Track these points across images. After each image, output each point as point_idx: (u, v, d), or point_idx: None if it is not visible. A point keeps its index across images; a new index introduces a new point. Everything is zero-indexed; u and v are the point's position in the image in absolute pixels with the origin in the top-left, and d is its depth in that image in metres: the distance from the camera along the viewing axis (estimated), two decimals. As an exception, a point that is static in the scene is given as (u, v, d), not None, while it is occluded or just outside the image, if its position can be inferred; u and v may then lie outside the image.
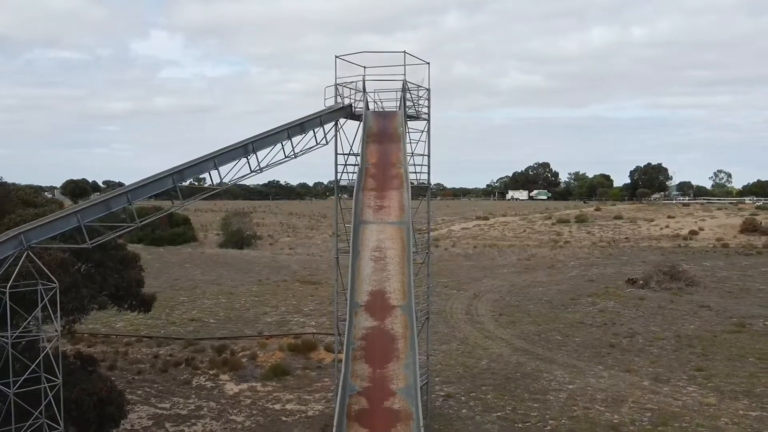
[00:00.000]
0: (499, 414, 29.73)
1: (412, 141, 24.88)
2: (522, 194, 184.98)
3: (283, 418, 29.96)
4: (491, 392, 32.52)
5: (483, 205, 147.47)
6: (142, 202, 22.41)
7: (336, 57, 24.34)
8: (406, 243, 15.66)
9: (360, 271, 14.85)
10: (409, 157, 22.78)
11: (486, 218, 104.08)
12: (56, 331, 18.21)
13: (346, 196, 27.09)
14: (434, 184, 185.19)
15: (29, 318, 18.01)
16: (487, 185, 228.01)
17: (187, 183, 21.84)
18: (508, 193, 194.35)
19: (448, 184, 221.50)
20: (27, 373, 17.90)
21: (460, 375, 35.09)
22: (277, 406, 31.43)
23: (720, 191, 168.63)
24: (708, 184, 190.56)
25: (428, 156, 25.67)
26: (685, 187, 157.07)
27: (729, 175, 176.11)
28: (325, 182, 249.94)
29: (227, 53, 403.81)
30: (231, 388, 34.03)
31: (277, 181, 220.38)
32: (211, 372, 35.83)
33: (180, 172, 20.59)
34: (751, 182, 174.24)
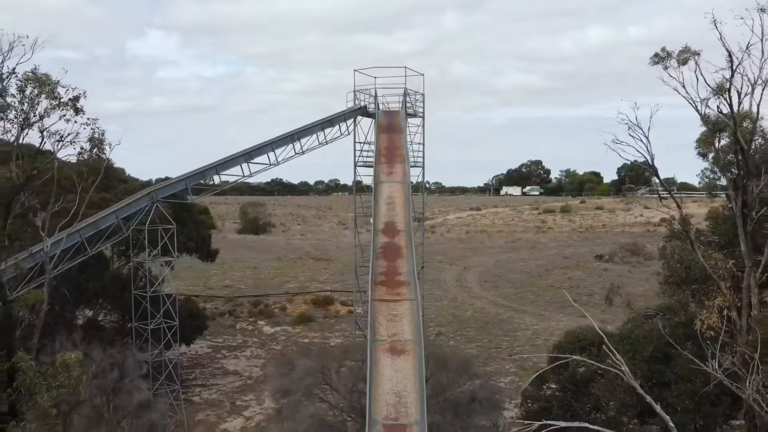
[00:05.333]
0: (478, 344, 38.80)
1: (411, 132, 33.91)
2: (515, 190, 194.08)
3: (312, 347, 38.93)
4: (473, 331, 41.60)
5: (478, 200, 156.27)
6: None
7: (354, 70, 33.33)
8: (406, 194, 24.51)
9: (378, 211, 23.61)
10: (409, 144, 31.75)
11: (479, 209, 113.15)
12: (174, 257, 27.10)
13: (360, 173, 35.90)
14: (432, 183, 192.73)
15: (154, 251, 26.83)
16: (485, 184, 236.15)
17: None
18: (502, 189, 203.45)
19: (446, 183, 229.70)
20: (156, 285, 26.83)
21: (450, 321, 44.12)
22: (306, 340, 40.47)
23: (705, 187, 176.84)
24: (696, 181, 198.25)
25: (423, 144, 34.78)
26: (668, 183, 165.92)
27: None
28: (326, 180, 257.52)
29: (223, 53, 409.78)
30: (268, 330, 43.07)
31: (281, 179, 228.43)
32: (250, 319, 44.88)
33: (249, 153, 29.46)
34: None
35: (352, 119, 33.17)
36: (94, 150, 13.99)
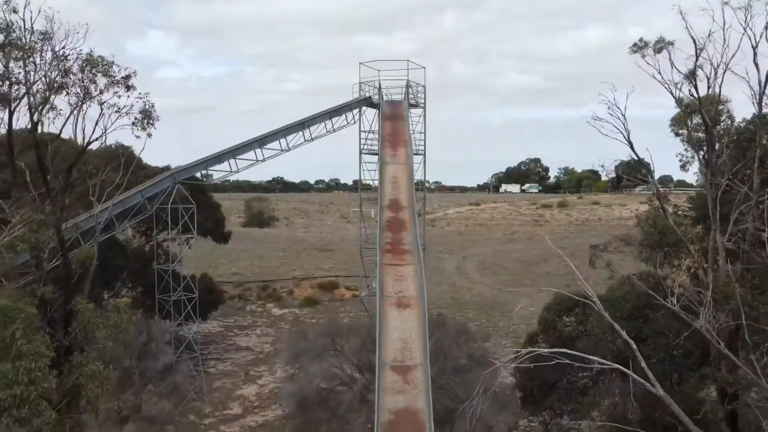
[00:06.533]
0: (476, 323, 40.92)
1: (413, 122, 36.06)
2: (514, 187, 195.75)
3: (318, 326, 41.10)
4: (471, 312, 43.78)
5: (478, 197, 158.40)
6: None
7: (360, 64, 35.52)
8: (409, 175, 26.74)
9: (384, 189, 25.78)
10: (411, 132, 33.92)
11: (478, 204, 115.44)
12: (194, 234, 29.24)
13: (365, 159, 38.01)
14: (433, 182, 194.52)
15: (177, 227, 28.96)
16: (485, 183, 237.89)
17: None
18: (501, 187, 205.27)
19: (446, 182, 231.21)
20: (177, 260, 28.99)
21: (449, 304, 46.27)
22: (313, 320, 42.57)
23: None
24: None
25: (424, 133, 36.92)
26: (665, 181, 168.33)
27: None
28: (326, 180, 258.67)
29: (223, 53, 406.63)
30: (276, 311, 45.24)
31: (282, 178, 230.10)
32: (259, 302, 47.06)
33: (262, 139, 31.62)
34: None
35: (358, 109, 35.33)
36: (145, 120, 16.04)
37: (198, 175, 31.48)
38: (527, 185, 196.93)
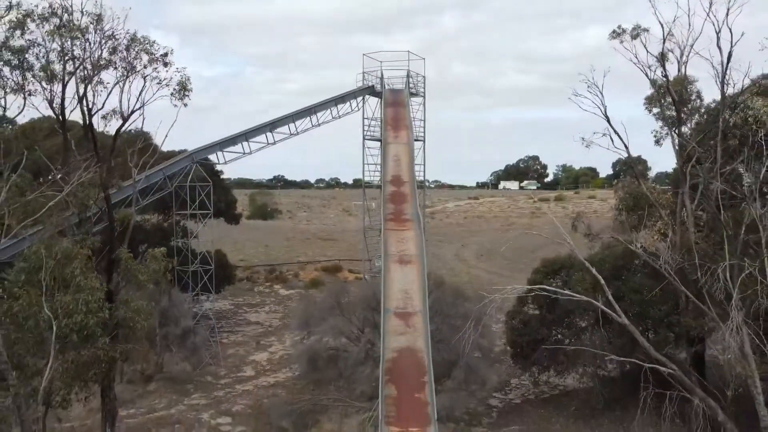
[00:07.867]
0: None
1: (413, 110, 38.38)
2: (513, 184, 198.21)
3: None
4: (470, 292, 45.89)
5: (477, 193, 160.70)
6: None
7: (363, 55, 37.85)
8: (410, 154, 29.09)
9: (387, 166, 28.16)
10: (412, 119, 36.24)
11: (476, 198, 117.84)
12: (210, 210, 31.53)
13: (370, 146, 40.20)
14: (432, 181, 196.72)
15: (194, 204, 31.25)
16: (484, 181, 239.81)
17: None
18: (500, 184, 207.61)
19: (446, 182, 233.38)
20: (194, 235, 31.26)
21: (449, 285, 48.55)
22: (319, 300, 44.80)
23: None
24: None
25: (424, 120, 39.24)
26: (662, 177, 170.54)
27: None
28: (327, 179, 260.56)
29: (222, 53, 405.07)
30: (283, 292, 47.48)
31: (283, 176, 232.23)
32: (266, 284, 49.26)
33: (273, 123, 33.92)
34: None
35: (361, 97, 37.68)
36: (182, 91, 18.29)
37: (213, 158, 33.83)
38: (525, 182, 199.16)
